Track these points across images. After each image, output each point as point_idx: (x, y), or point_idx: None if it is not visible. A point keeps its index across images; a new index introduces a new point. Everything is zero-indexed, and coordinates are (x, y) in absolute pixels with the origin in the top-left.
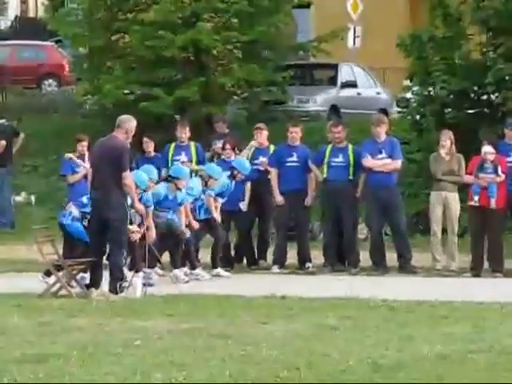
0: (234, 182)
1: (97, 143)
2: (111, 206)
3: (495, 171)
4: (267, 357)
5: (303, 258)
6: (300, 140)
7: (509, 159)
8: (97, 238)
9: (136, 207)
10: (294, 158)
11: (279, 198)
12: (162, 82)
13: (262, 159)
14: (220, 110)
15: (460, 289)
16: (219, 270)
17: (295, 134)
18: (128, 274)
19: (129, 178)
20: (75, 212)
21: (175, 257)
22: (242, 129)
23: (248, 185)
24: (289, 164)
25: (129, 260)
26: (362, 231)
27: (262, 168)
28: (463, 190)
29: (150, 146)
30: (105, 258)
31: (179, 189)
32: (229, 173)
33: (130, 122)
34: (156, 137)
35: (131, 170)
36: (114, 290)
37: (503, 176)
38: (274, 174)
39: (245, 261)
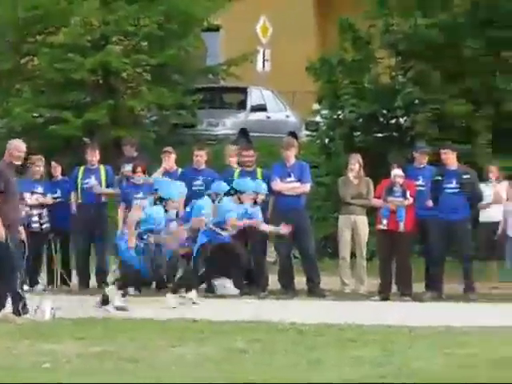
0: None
1: None
2: None
3: (404, 195)
4: (177, 380)
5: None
6: (206, 163)
7: (418, 183)
8: None
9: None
10: (200, 182)
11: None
12: (71, 105)
13: None
14: (129, 133)
15: (369, 312)
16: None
17: (200, 157)
18: (37, 297)
19: None
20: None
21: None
22: (150, 152)
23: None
24: (194, 188)
25: None
26: (271, 254)
27: None
28: (372, 213)
29: (57, 170)
30: None
31: (242, 202)
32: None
33: (10, 144)
34: (65, 160)
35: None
36: (16, 312)
37: (411, 199)
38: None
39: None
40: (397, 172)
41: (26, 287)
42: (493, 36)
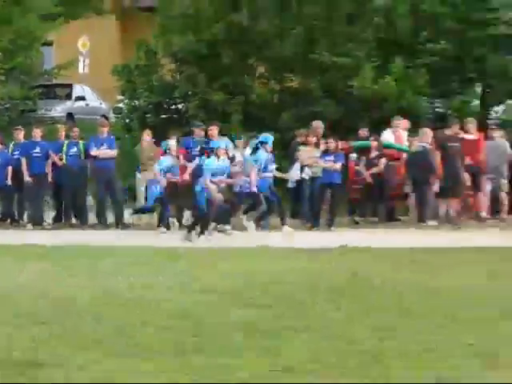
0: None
1: None
2: None
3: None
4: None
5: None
6: (42, 137)
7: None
8: None
9: None
10: (38, 150)
11: (27, 179)
12: None
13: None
14: None
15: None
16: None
17: (36, 133)
18: None
19: None
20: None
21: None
22: (5, 130)
23: (10, 168)
24: (34, 154)
25: None
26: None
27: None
28: None
29: None
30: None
31: (272, 152)
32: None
33: None
34: None
35: None
36: None
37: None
38: (23, 162)
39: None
40: (170, 142)
41: None
42: (244, 49)
